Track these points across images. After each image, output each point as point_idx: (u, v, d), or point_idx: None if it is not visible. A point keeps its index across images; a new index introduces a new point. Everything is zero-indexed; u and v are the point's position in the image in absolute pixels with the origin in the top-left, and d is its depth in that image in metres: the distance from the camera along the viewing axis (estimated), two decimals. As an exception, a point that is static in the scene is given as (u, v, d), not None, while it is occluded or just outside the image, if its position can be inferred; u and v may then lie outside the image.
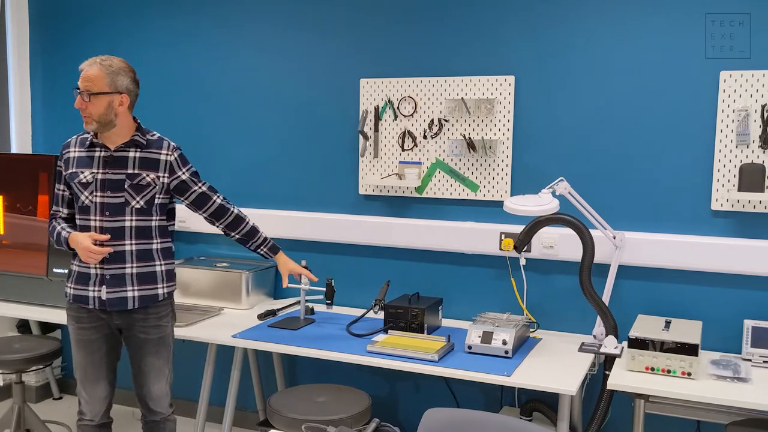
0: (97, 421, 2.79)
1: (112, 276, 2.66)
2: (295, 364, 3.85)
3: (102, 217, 2.65)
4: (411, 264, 3.54)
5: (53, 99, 4.28)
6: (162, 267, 2.76)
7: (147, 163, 2.70)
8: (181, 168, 2.76)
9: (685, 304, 3.06)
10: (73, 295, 2.71)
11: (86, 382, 2.74)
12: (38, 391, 4.36)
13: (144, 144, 2.71)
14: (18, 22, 4.23)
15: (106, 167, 2.66)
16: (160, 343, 2.78)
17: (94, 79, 2.59)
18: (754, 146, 2.89)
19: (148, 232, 2.72)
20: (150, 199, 2.70)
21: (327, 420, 2.78)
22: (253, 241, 2.95)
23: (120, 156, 2.67)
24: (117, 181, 2.66)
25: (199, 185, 2.81)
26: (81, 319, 2.72)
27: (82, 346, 2.73)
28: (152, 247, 2.73)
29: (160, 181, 2.72)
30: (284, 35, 3.69)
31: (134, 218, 2.69)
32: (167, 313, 2.81)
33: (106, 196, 2.65)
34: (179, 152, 2.76)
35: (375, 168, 3.54)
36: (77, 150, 2.71)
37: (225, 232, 2.91)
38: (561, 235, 3.18)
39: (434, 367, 2.71)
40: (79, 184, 2.67)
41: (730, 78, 2.89)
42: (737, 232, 2.96)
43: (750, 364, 2.73)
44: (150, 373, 2.78)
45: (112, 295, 2.67)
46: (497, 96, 3.28)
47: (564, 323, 3.27)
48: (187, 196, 2.80)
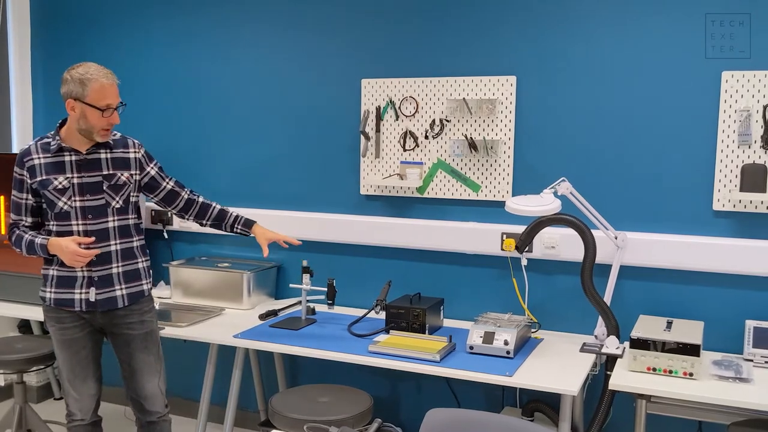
0: (88, 420, 2.78)
1: (101, 277, 2.68)
2: (296, 364, 3.85)
3: (85, 220, 2.65)
4: (412, 264, 3.54)
5: (54, 99, 4.28)
6: (143, 264, 2.81)
7: (119, 163, 2.72)
8: (149, 164, 2.83)
9: (686, 304, 3.06)
10: (55, 299, 2.70)
11: (75, 381, 2.74)
12: (39, 391, 4.36)
13: (111, 144, 2.73)
14: (19, 22, 4.23)
15: (80, 171, 2.66)
16: (147, 338, 2.79)
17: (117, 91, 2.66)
18: (755, 146, 2.89)
19: (128, 230, 2.75)
20: (126, 197, 2.73)
21: (329, 420, 2.78)
22: (226, 222, 2.96)
23: (92, 158, 2.68)
24: (94, 183, 2.66)
25: (167, 180, 2.87)
26: (63, 319, 2.71)
27: (67, 345, 2.73)
28: (133, 245, 2.77)
29: (133, 179, 2.76)
30: (285, 35, 3.69)
31: (116, 218, 2.71)
32: (150, 308, 2.83)
33: (86, 199, 2.65)
34: (144, 149, 2.83)
35: (376, 168, 3.54)
36: (42, 156, 2.66)
37: (197, 221, 2.95)
38: (563, 236, 3.18)
39: (436, 367, 2.71)
40: (54, 191, 2.64)
41: (731, 78, 2.89)
42: (739, 233, 2.96)
43: (752, 364, 2.73)
44: (142, 370, 2.79)
45: (101, 296, 2.68)
46: (499, 96, 3.28)
47: (565, 323, 3.26)
48: (156, 193, 2.85)
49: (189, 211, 2.92)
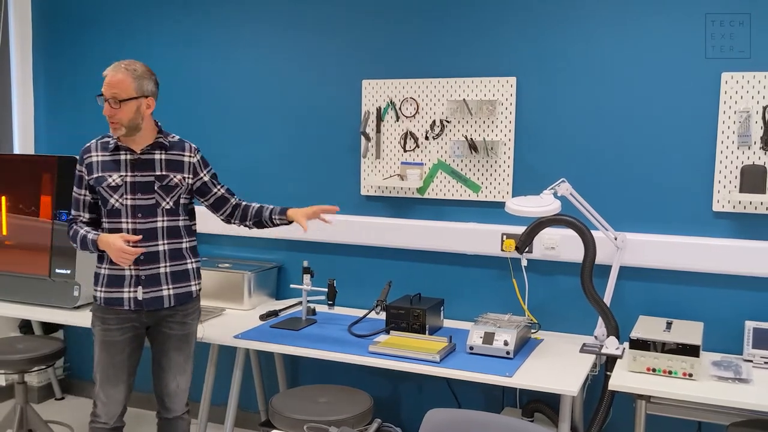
0: (111, 425, 2.78)
1: (148, 276, 2.69)
2: (296, 364, 3.86)
3: (134, 219, 2.67)
4: (413, 265, 3.54)
5: (56, 100, 4.29)
6: (193, 265, 2.82)
7: (173, 165, 2.75)
8: (203, 170, 2.84)
9: (686, 305, 3.06)
10: (105, 298, 2.71)
11: (106, 384, 2.75)
12: (40, 391, 4.37)
13: (167, 146, 2.75)
14: (21, 22, 4.24)
15: (134, 170, 2.69)
16: (183, 340, 2.81)
17: (121, 85, 2.60)
18: (755, 147, 2.89)
19: (177, 231, 2.76)
20: (177, 199, 2.75)
21: (329, 420, 2.78)
22: (264, 217, 2.89)
23: (146, 158, 2.70)
24: (146, 183, 2.69)
25: (218, 187, 2.89)
26: (107, 320, 2.72)
27: (106, 347, 2.73)
28: (182, 246, 2.78)
29: (185, 182, 2.77)
30: (286, 36, 3.70)
31: (165, 219, 2.72)
32: (194, 310, 2.85)
33: (137, 198, 2.68)
34: (200, 154, 2.85)
35: (377, 169, 3.55)
36: (100, 154, 2.71)
37: (242, 225, 2.93)
38: (562, 236, 3.18)
39: (436, 367, 2.71)
40: (107, 188, 2.67)
41: (731, 79, 2.90)
42: (738, 234, 2.96)
43: (751, 365, 2.73)
44: (171, 369, 2.81)
45: (148, 295, 2.70)
46: (499, 97, 3.28)
47: (565, 324, 3.27)
48: (207, 198, 2.87)
49: (234, 215, 2.92)
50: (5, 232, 3.68)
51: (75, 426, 3.96)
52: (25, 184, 3.62)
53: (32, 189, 3.61)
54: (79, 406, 4.31)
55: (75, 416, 4.13)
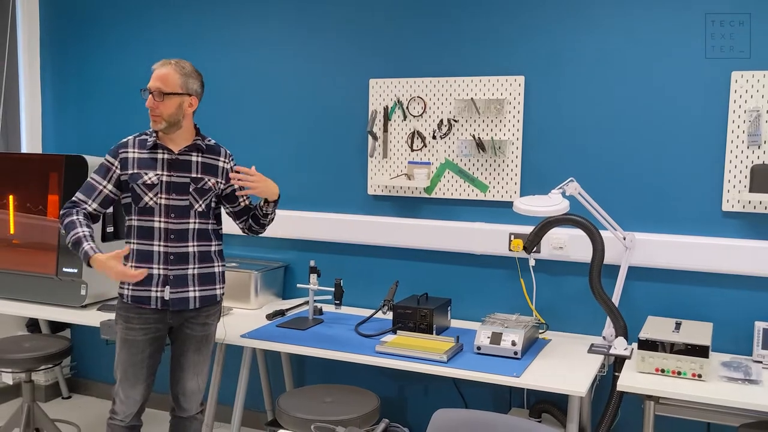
0: (127, 423, 2.79)
1: (176, 277, 2.70)
2: (303, 364, 3.85)
3: (167, 218, 2.68)
4: (420, 264, 3.54)
5: (63, 99, 4.30)
6: (219, 268, 2.83)
7: (208, 168, 2.75)
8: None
9: (695, 305, 3.04)
10: (132, 296, 2.71)
11: (125, 383, 2.75)
12: (47, 390, 4.38)
13: (204, 149, 2.75)
14: (29, 21, 4.25)
15: (170, 170, 2.69)
16: (203, 341, 2.82)
17: (167, 79, 2.62)
18: (765, 147, 2.87)
19: (207, 234, 2.77)
20: (209, 203, 2.76)
21: (336, 420, 2.78)
22: (256, 211, 2.86)
23: (184, 159, 2.71)
24: (182, 184, 2.69)
25: (244, 197, 2.89)
26: (130, 319, 2.72)
27: (127, 345, 2.73)
28: (211, 248, 2.79)
29: (218, 187, 2.78)
30: (293, 35, 3.69)
31: (197, 221, 2.73)
32: (215, 312, 2.85)
33: (172, 198, 2.68)
34: (233, 161, 2.85)
35: (384, 168, 3.54)
36: (137, 151, 2.70)
37: (254, 226, 2.92)
38: (571, 236, 3.17)
39: (443, 367, 2.70)
40: (143, 186, 2.67)
41: (741, 78, 2.88)
42: (748, 233, 2.95)
43: (761, 366, 2.71)
44: (188, 368, 2.81)
45: (175, 296, 2.70)
46: (507, 96, 3.27)
47: (573, 324, 3.26)
48: (234, 205, 2.87)
49: (248, 222, 2.91)
50: (13, 231, 3.69)
51: (82, 425, 3.97)
52: (33, 183, 3.63)
53: (39, 188, 3.62)
54: (85, 405, 4.32)
55: (82, 415, 4.13)
